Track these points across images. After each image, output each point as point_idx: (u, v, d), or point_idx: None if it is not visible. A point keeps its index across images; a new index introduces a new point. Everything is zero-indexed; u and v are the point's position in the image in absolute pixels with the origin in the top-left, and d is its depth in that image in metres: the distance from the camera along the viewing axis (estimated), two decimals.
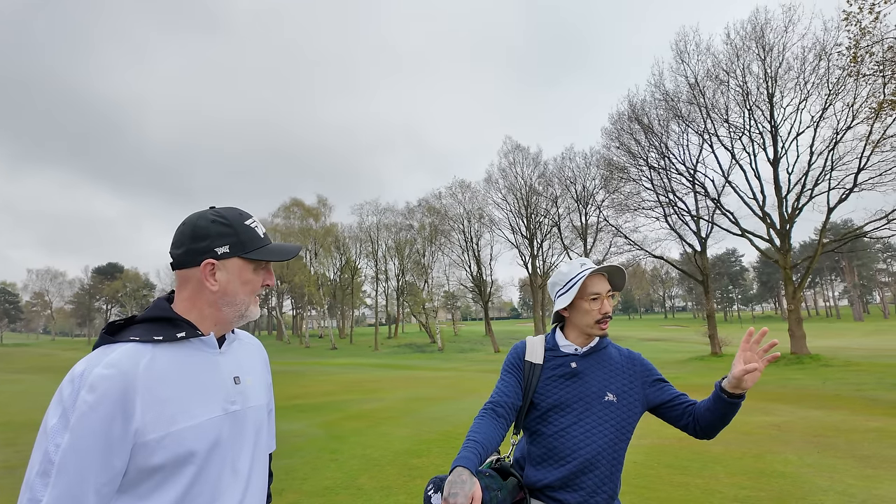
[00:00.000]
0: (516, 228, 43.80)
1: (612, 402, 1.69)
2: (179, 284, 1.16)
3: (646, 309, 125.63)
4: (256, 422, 1.20)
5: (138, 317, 1.13)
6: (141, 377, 1.01)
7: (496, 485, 1.61)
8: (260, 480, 1.20)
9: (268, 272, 1.24)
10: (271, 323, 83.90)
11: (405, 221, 53.95)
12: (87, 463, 0.95)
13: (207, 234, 1.14)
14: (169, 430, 1.02)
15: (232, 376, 1.17)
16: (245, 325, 17.78)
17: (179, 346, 1.10)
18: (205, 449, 1.06)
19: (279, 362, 34.22)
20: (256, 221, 1.23)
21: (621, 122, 27.83)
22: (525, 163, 43.03)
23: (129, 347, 1.04)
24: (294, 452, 6.87)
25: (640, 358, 1.81)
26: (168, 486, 1.02)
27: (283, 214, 57.14)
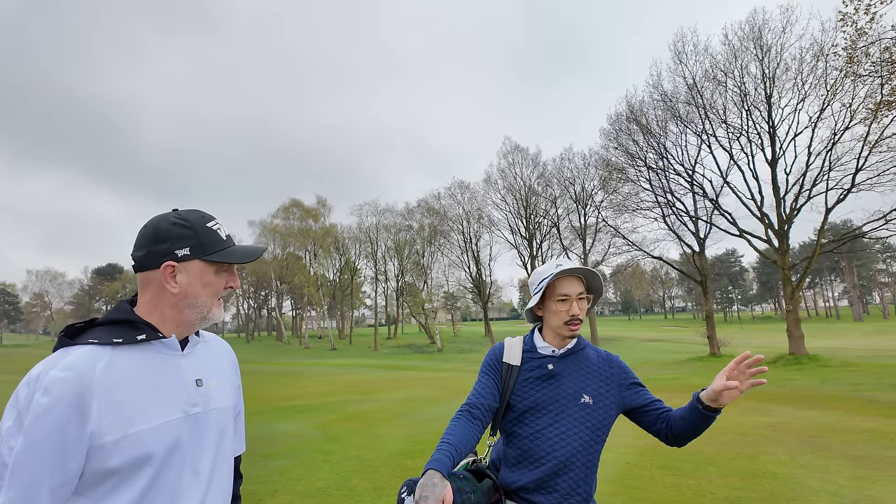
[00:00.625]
0: (515, 229, 43.82)
1: (588, 404, 1.68)
2: (141, 287, 1.16)
3: (646, 309, 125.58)
4: (220, 424, 1.20)
5: (99, 319, 1.12)
6: (98, 380, 1.01)
7: (470, 487, 1.60)
8: (223, 482, 1.19)
9: (231, 274, 1.24)
10: (271, 324, 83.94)
11: (404, 222, 54.00)
12: (41, 465, 0.95)
13: (168, 236, 1.14)
14: (126, 432, 1.01)
15: (194, 378, 1.17)
16: (247, 326, 17.77)
17: (140, 349, 1.10)
18: (163, 451, 1.05)
19: (278, 363, 34.23)
20: (219, 223, 1.23)
21: (619, 123, 27.83)
22: (524, 163, 43.06)
23: (86, 350, 1.04)
24: (288, 454, 6.87)
25: (617, 360, 1.81)
26: (125, 488, 1.01)
27: (282, 215, 57.16)
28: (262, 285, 72.68)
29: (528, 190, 42.52)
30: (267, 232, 57.36)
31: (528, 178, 42.73)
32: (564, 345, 1.78)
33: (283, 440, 7.83)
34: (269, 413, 11.08)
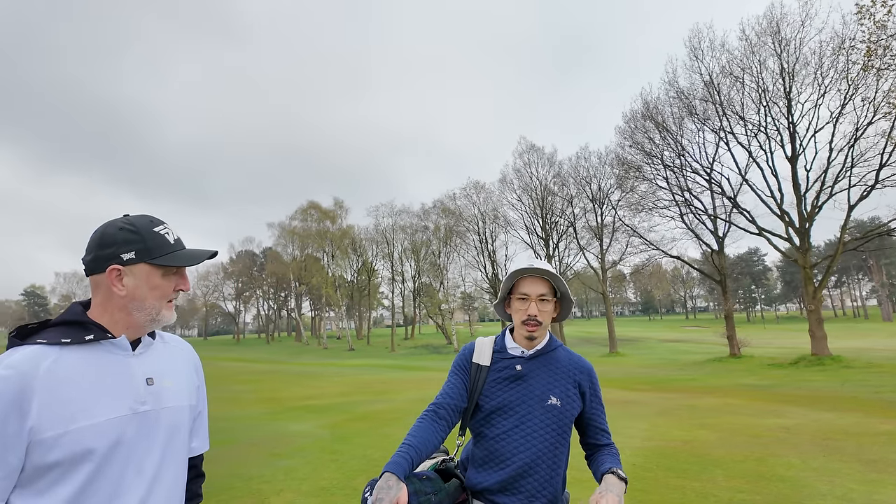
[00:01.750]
0: (531, 229, 43.61)
1: (556, 405, 1.69)
2: (93, 290, 1.20)
3: (667, 310, 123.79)
4: (172, 423, 1.23)
5: (51, 321, 1.17)
6: (40, 378, 1.04)
7: (432, 488, 1.60)
8: (171, 481, 1.22)
9: (181, 278, 1.27)
10: (290, 324, 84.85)
11: (420, 223, 54.18)
12: None
13: (114, 241, 1.18)
14: (67, 428, 1.05)
15: (144, 377, 1.20)
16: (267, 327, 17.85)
17: (88, 349, 1.14)
18: (104, 447, 1.09)
19: (297, 363, 34.62)
20: (168, 228, 1.27)
21: (635, 121, 27.51)
22: (540, 163, 42.86)
23: (31, 350, 1.08)
24: (296, 453, 6.98)
25: (589, 368, 1.81)
26: (65, 482, 1.05)
27: (300, 217, 57.87)
28: (281, 286, 73.60)
29: (544, 189, 42.31)
30: (285, 234, 58.16)
31: (543, 177, 42.55)
32: (533, 345, 1.77)
33: (293, 440, 7.95)
34: (282, 413, 11.24)
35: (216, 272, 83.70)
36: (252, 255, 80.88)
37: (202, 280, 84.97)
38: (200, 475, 1.44)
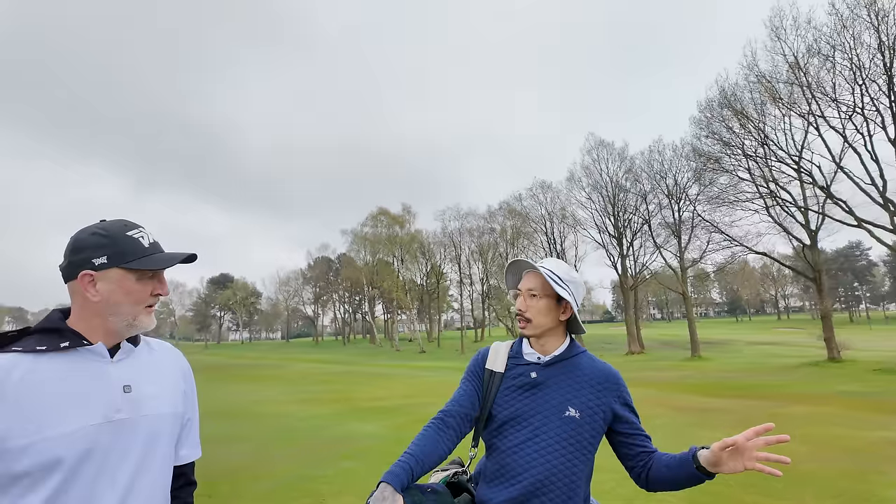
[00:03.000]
0: (603, 227, 42.20)
1: (574, 417, 1.55)
2: (71, 297, 1.19)
3: (756, 310, 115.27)
4: (151, 431, 1.21)
5: (31, 328, 1.17)
6: (10, 386, 1.05)
7: (437, 501, 1.52)
8: (148, 490, 1.20)
9: (159, 282, 1.25)
10: (365, 327, 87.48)
11: (486, 225, 54.07)
12: None
13: (85, 246, 1.17)
14: (36, 437, 1.04)
15: (122, 384, 1.18)
16: (344, 330, 18.36)
17: (64, 356, 1.14)
18: (74, 456, 1.08)
19: (370, 365, 35.58)
20: (142, 231, 1.25)
21: (711, 110, 25.82)
22: (610, 158, 41.40)
23: (4, 358, 1.08)
24: (359, 454, 7.14)
25: (616, 376, 1.66)
26: (35, 491, 1.05)
27: (371, 223, 59.65)
28: (355, 290, 76.12)
29: (616, 186, 40.82)
30: (357, 240, 60.14)
31: (614, 173, 41.05)
32: (550, 351, 1.67)
33: (358, 441, 8.14)
34: (352, 413, 11.57)
35: (296, 278, 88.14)
36: (328, 260, 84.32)
37: (283, 286, 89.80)
38: (191, 483, 1.42)
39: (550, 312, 1.66)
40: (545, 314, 1.65)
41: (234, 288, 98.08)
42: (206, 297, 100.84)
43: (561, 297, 1.65)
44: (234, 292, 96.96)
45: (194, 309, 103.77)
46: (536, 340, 1.69)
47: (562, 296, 1.63)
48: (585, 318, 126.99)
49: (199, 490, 4.77)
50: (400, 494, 1.38)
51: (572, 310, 1.69)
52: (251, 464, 6.90)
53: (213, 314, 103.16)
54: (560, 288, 1.63)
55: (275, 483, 5.85)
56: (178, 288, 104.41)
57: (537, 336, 1.68)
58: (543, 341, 1.69)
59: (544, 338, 1.68)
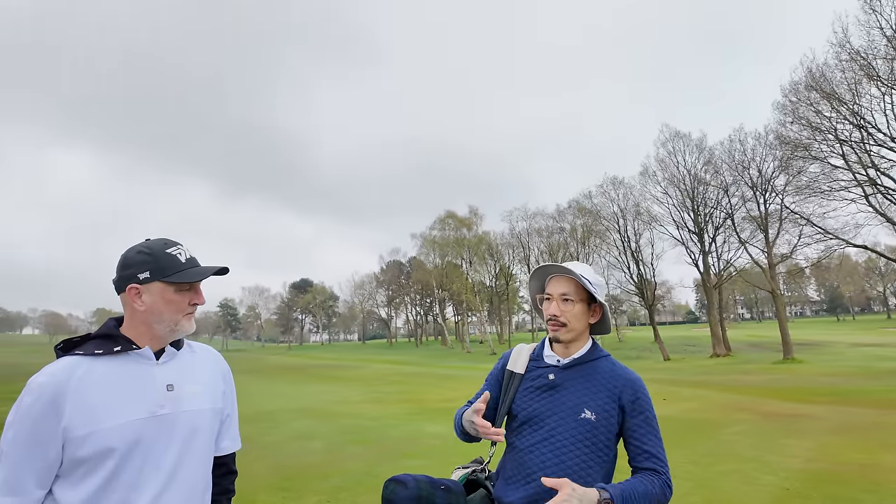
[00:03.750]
0: (681, 223, 40.06)
1: (589, 419, 1.57)
2: (123, 307, 1.38)
3: (860, 308, 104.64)
4: (191, 425, 1.36)
5: (91, 334, 1.35)
6: (73, 384, 1.22)
7: (445, 500, 1.57)
8: (190, 477, 1.35)
9: (195, 293, 1.41)
10: (437, 329, 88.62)
11: (556, 224, 53.00)
12: (24, 452, 1.19)
13: (131, 263, 1.35)
14: (93, 428, 1.21)
15: (165, 384, 1.34)
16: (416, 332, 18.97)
17: (117, 358, 1.31)
18: (125, 446, 1.24)
19: (442, 366, 36.01)
20: (181, 248, 1.41)
21: (797, 94, 23.80)
22: (687, 150, 39.24)
23: (68, 360, 1.27)
24: (425, 454, 7.31)
25: (634, 380, 1.65)
26: (93, 475, 1.22)
27: (438, 226, 60.25)
28: (426, 293, 77.35)
29: (694, 179, 38.65)
30: (426, 243, 61.05)
31: (692, 165, 38.88)
32: (569, 354, 1.69)
33: (425, 441, 8.32)
34: (421, 414, 11.83)
35: (369, 281, 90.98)
36: (399, 264, 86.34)
37: (358, 289, 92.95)
38: (232, 472, 1.57)
39: (584, 316, 1.69)
40: (580, 318, 1.68)
41: (314, 292, 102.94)
42: (289, 301, 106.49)
43: (591, 299, 1.69)
44: (314, 296, 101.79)
45: (278, 312, 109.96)
46: (565, 344, 1.71)
47: (598, 299, 1.67)
48: (666, 319, 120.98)
49: (274, 483, 5.12)
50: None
51: (601, 311, 1.72)
52: (323, 461, 7.26)
53: (295, 317, 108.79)
54: (598, 293, 1.68)
55: (343, 479, 6.13)
56: (263, 293, 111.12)
57: (570, 340, 1.70)
58: (568, 345, 1.71)
59: (573, 342, 1.71)
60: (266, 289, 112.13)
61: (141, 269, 1.34)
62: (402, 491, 1.55)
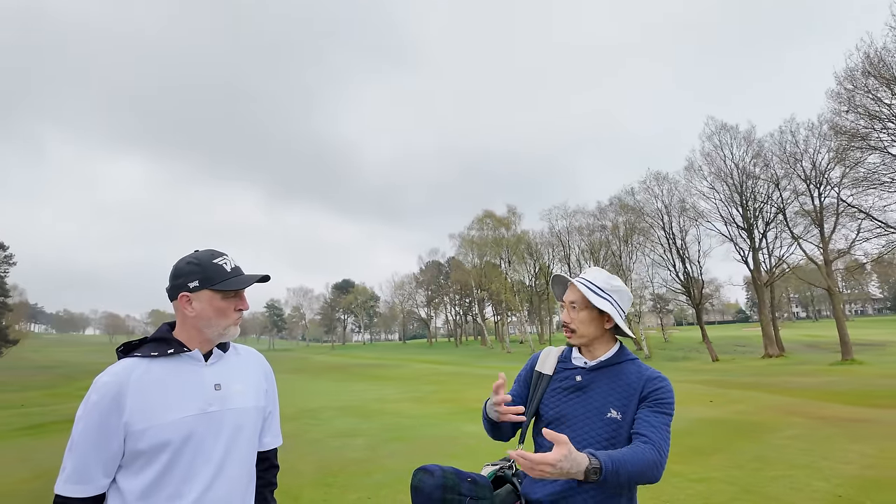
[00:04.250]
0: (729, 219, 38.59)
1: (616, 419, 1.61)
2: (175, 313, 1.50)
3: None
4: (237, 422, 1.47)
5: (148, 338, 1.49)
6: (133, 383, 1.35)
7: (470, 491, 1.61)
8: (237, 469, 1.47)
9: (240, 299, 1.53)
10: (476, 329, 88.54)
11: (597, 222, 51.94)
12: (90, 444, 1.32)
13: (182, 273, 1.48)
14: (151, 423, 1.33)
15: (213, 384, 1.46)
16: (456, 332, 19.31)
17: (170, 360, 1.44)
18: (178, 440, 1.35)
19: (480, 366, 36.00)
20: (227, 259, 1.53)
21: (853, 80, 22.49)
22: (734, 143, 37.77)
23: (128, 361, 1.40)
24: (465, 454, 7.40)
25: (656, 377, 1.67)
26: (150, 466, 1.34)
27: (476, 226, 60.11)
28: (465, 293, 77.42)
29: (742, 173, 37.18)
30: (465, 243, 61.04)
31: (740, 159, 37.39)
32: (596, 357, 1.74)
33: (464, 440, 8.40)
34: (460, 414, 11.91)
35: (409, 282, 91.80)
36: (438, 264, 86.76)
37: (398, 289, 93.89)
38: (274, 466, 1.69)
39: (593, 322, 1.73)
40: (587, 324, 1.73)
41: (355, 292, 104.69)
42: (331, 301, 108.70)
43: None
44: (355, 296, 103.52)
45: (321, 313, 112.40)
46: (585, 347, 1.77)
47: (599, 307, 1.70)
48: (715, 319, 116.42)
49: (318, 479, 5.33)
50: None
51: (622, 320, 1.74)
52: (365, 458, 7.44)
53: (338, 317, 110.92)
54: (599, 299, 1.71)
55: (384, 476, 6.28)
56: (307, 294, 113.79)
57: (584, 345, 1.77)
58: (592, 348, 1.76)
59: (592, 345, 1.76)
60: (310, 290, 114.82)
61: (191, 279, 1.47)
62: (428, 479, 1.60)
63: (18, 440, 12.27)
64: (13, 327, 63.34)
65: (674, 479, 5.63)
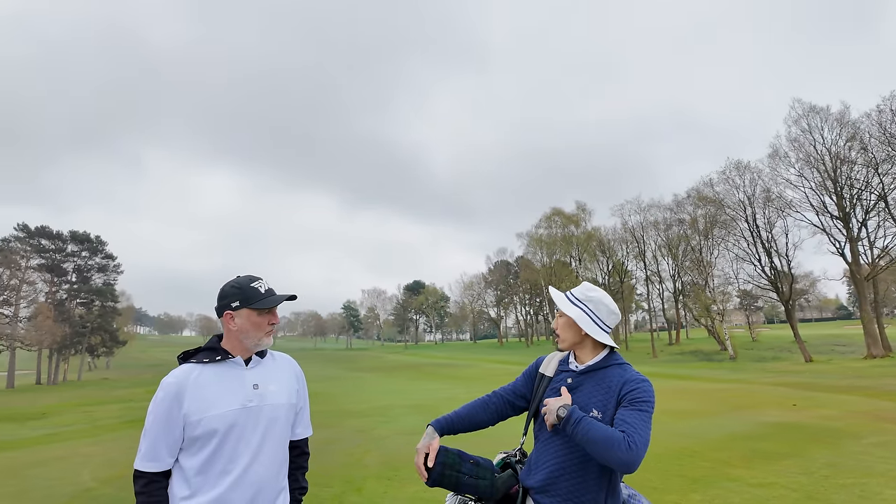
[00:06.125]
0: (821, 209, 35.58)
1: (596, 418, 1.77)
2: (222, 327, 1.85)
3: None
4: (271, 415, 1.79)
5: (202, 347, 1.83)
6: (190, 384, 1.69)
7: (471, 471, 1.86)
8: (271, 454, 1.78)
9: (272, 315, 1.83)
10: (547, 328, 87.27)
11: (674, 216, 49.55)
12: (159, 431, 1.66)
13: (226, 295, 1.81)
14: (203, 415, 1.66)
15: (252, 383, 1.78)
16: (526, 332, 19.55)
17: (219, 365, 1.77)
18: (224, 429, 1.68)
19: None
20: (261, 282, 1.84)
21: None
22: (825, 126, 34.81)
23: (186, 366, 1.75)
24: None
25: (636, 379, 1.81)
26: (204, 449, 1.67)
27: (545, 225, 59.41)
28: (535, 292, 76.61)
29: (835, 158, 34.17)
30: (533, 242, 60.42)
31: (832, 143, 34.41)
32: (584, 361, 1.92)
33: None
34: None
35: (478, 282, 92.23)
36: (507, 264, 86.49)
37: (467, 290, 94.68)
38: (305, 453, 2.02)
39: (571, 328, 1.93)
40: (566, 330, 1.94)
41: (426, 293, 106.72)
42: (403, 302, 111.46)
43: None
44: (426, 297, 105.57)
45: (394, 313, 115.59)
46: (575, 352, 1.97)
47: (565, 312, 1.92)
48: (812, 316, 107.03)
49: (381, 472, 5.84)
50: (438, 436, 1.90)
51: (594, 326, 1.91)
52: None
53: (410, 317, 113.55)
54: (571, 306, 1.93)
55: None
56: (381, 295, 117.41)
57: (567, 349, 1.98)
58: (578, 353, 1.96)
59: (577, 350, 1.96)
60: (383, 291, 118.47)
61: (233, 300, 1.80)
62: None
63: (127, 431, 13.88)
64: (122, 329, 70.46)
65: (730, 482, 5.52)
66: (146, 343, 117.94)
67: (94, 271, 59.73)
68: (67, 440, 12.29)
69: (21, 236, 52.68)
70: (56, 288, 55.82)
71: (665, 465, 6.51)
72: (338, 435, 10.18)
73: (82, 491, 6.53)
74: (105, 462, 8.94)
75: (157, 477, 1.69)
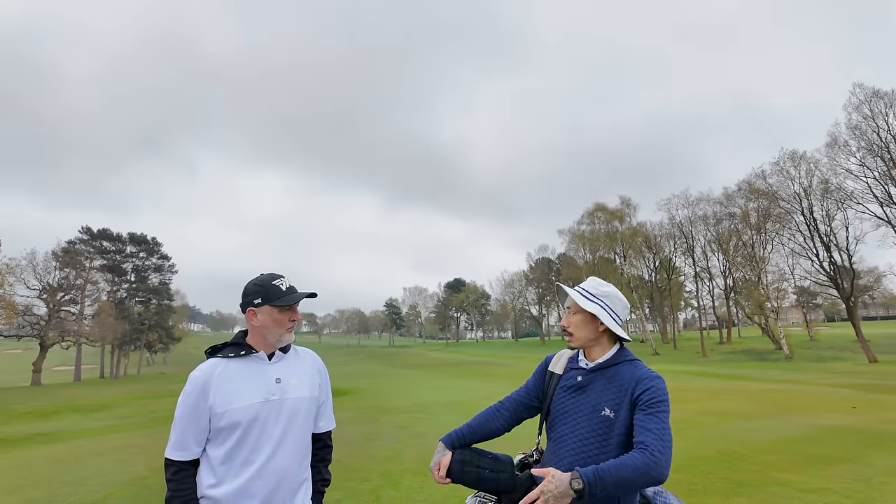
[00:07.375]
0: (886, 200, 33.41)
1: (609, 417, 1.73)
2: (246, 323, 1.91)
3: None
4: (293, 408, 1.84)
5: (227, 343, 1.89)
6: (215, 377, 1.77)
7: (488, 465, 1.87)
8: (292, 445, 1.83)
9: (293, 312, 1.89)
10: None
11: (724, 210, 47.53)
12: (187, 422, 1.74)
13: (249, 292, 1.87)
14: (227, 407, 1.73)
15: (275, 377, 1.84)
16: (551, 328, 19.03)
17: (243, 360, 1.84)
18: (247, 421, 1.75)
19: None
20: (283, 280, 1.89)
21: None
22: (890, 112, 32.61)
23: (213, 361, 1.83)
24: None
25: (649, 377, 1.76)
26: (228, 439, 1.74)
27: (587, 221, 58.02)
28: None
29: None
30: (575, 238, 59.31)
31: None
32: (595, 358, 1.88)
33: None
34: None
35: (519, 279, 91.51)
36: (548, 261, 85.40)
37: (508, 287, 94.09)
38: (328, 446, 2.07)
39: (587, 325, 1.88)
40: (581, 328, 1.89)
41: (467, 291, 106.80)
42: (444, 300, 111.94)
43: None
44: (467, 295, 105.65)
45: (436, 311, 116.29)
46: (586, 350, 1.93)
47: (588, 310, 1.85)
48: (878, 314, 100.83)
49: (417, 469, 5.93)
50: (449, 451, 1.90)
51: (612, 321, 1.87)
52: None
53: (451, 315, 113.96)
54: (589, 303, 1.87)
55: None
56: (422, 293, 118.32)
57: (581, 347, 1.93)
58: (591, 351, 1.92)
59: (589, 348, 1.92)
60: (424, 289, 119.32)
61: (255, 297, 1.86)
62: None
63: None
64: (177, 326, 73.88)
65: (778, 487, 5.28)
66: (200, 339, 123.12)
67: (151, 271, 62.98)
68: (126, 431, 13.00)
69: (85, 238, 56.01)
70: (117, 287, 59.16)
71: (709, 468, 6.28)
72: (379, 430, 10.34)
73: (136, 479, 6.91)
74: (158, 452, 9.37)
75: (186, 465, 1.76)
